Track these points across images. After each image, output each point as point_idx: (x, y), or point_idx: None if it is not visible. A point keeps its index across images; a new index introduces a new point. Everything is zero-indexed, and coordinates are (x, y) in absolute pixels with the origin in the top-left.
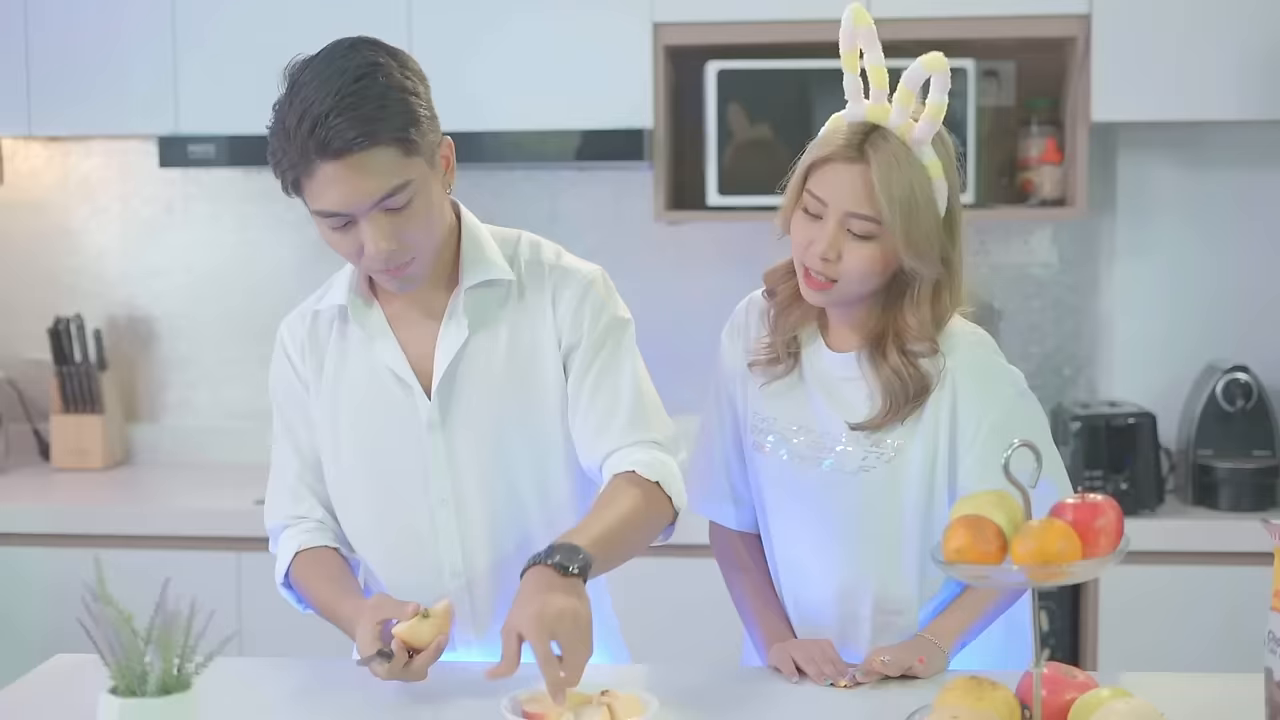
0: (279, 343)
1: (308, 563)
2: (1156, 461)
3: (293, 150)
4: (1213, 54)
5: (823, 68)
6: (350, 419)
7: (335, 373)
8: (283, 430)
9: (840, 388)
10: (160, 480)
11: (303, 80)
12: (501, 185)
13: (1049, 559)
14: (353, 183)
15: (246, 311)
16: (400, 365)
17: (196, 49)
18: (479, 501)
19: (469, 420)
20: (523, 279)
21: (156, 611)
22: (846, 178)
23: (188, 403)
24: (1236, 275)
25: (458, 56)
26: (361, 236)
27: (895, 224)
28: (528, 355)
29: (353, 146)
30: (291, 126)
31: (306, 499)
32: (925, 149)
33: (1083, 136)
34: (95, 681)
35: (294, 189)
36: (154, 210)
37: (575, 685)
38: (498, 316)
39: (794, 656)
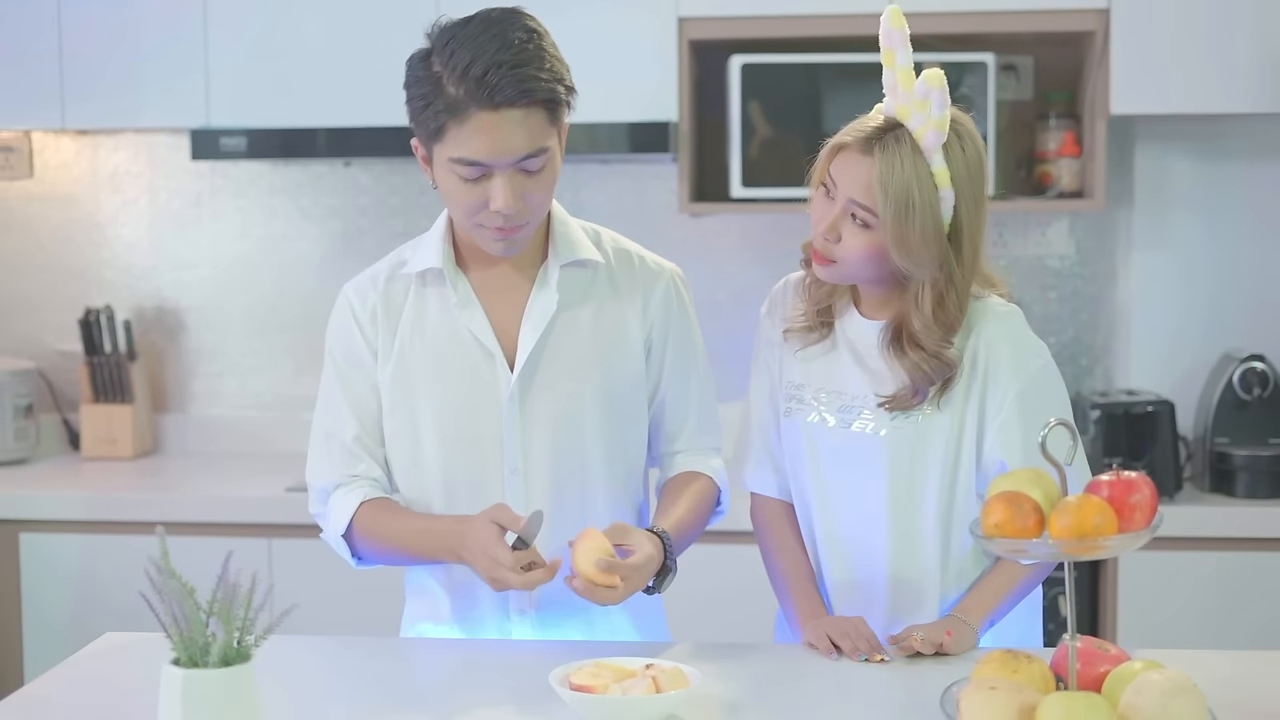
0: (345, 306)
1: (378, 508)
2: (1175, 449)
3: (448, 95)
4: (1231, 47)
5: (844, 62)
6: (427, 384)
7: (410, 337)
8: (340, 392)
9: (870, 355)
10: (189, 469)
11: (465, 35)
12: None
13: (1085, 533)
14: (505, 135)
15: (272, 303)
16: (486, 334)
17: (228, 42)
18: (548, 473)
19: (548, 393)
20: (611, 264)
21: (218, 585)
22: (857, 168)
23: (215, 392)
24: (1252, 266)
25: None
26: (491, 191)
27: (887, 221)
28: (612, 337)
29: (516, 100)
30: (453, 73)
31: (364, 460)
32: (935, 156)
33: (1101, 130)
34: (147, 657)
35: (435, 136)
36: (182, 203)
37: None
38: (586, 296)
39: (829, 633)
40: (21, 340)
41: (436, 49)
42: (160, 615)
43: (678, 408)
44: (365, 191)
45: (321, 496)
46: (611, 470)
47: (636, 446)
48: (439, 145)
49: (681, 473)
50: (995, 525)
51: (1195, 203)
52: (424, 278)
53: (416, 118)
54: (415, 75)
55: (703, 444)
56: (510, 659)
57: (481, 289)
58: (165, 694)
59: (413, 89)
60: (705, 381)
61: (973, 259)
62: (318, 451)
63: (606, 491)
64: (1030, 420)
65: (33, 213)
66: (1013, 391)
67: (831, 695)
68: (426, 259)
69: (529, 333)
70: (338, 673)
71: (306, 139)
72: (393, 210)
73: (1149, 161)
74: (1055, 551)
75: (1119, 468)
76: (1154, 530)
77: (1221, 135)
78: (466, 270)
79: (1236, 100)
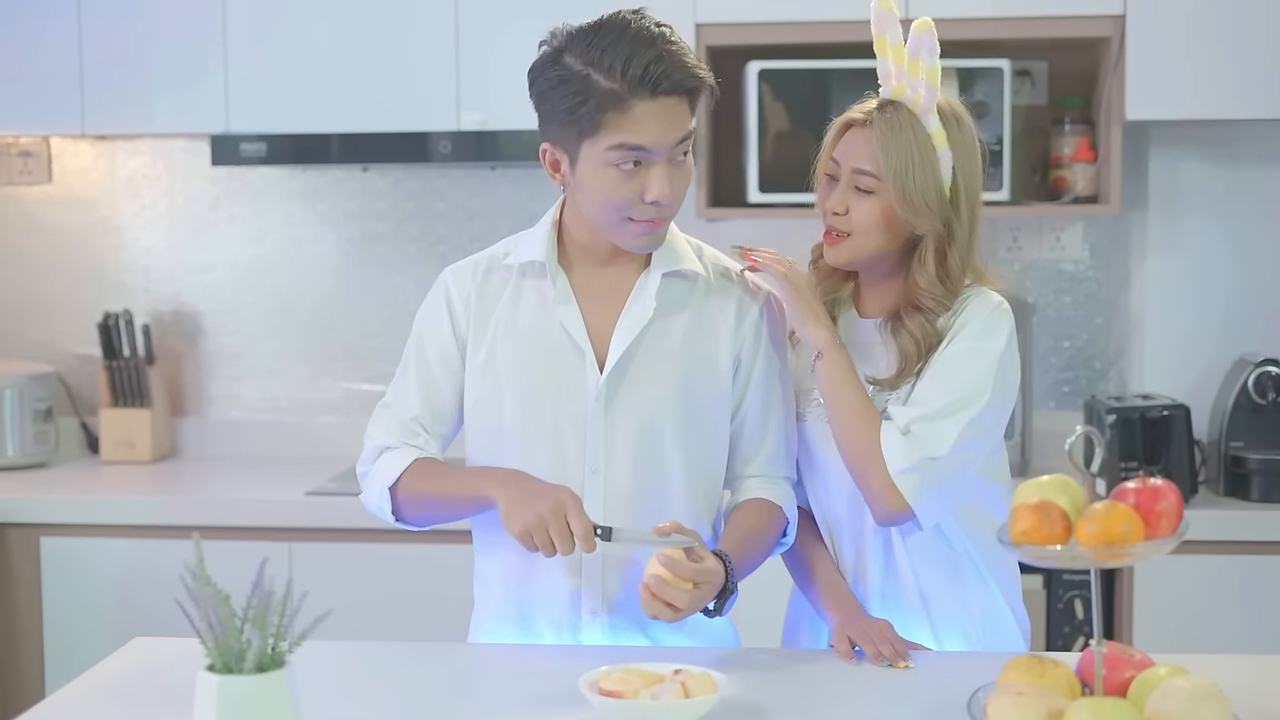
0: (441, 289)
1: (429, 463)
2: (1190, 453)
3: (604, 90)
4: (1246, 53)
5: (861, 68)
6: (515, 376)
7: (504, 329)
8: (414, 371)
9: (868, 351)
10: (208, 472)
11: (609, 33)
12: (540, 183)
13: (1113, 540)
14: (668, 120)
15: (289, 307)
16: (580, 333)
17: (247, 48)
18: (629, 477)
19: (634, 398)
20: (710, 279)
21: (253, 591)
22: (857, 139)
23: (233, 396)
24: (1266, 271)
25: (504, 54)
26: (648, 180)
27: (889, 179)
28: (702, 351)
29: (679, 86)
30: (606, 68)
31: (421, 435)
32: (931, 118)
33: (1116, 135)
34: (177, 662)
35: (589, 132)
36: (200, 207)
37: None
38: (682, 306)
39: (851, 636)
40: (40, 344)
41: (574, 50)
42: (195, 622)
43: (756, 431)
44: (382, 196)
45: (371, 455)
46: (690, 480)
47: (716, 461)
48: (592, 140)
49: (751, 498)
50: (1023, 533)
51: (1209, 207)
52: (524, 270)
53: (563, 120)
54: (556, 76)
55: (776, 472)
56: (542, 664)
57: (581, 288)
58: (200, 701)
59: (555, 93)
60: (787, 409)
61: (971, 220)
62: (379, 417)
63: (685, 501)
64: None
65: (51, 217)
66: (950, 347)
67: (858, 700)
68: (530, 252)
69: (622, 335)
70: (370, 676)
71: (325, 144)
72: (410, 215)
73: (1163, 166)
74: (1083, 559)
75: (1145, 474)
76: (1180, 537)
77: (1236, 140)
78: (569, 269)
79: (1252, 106)
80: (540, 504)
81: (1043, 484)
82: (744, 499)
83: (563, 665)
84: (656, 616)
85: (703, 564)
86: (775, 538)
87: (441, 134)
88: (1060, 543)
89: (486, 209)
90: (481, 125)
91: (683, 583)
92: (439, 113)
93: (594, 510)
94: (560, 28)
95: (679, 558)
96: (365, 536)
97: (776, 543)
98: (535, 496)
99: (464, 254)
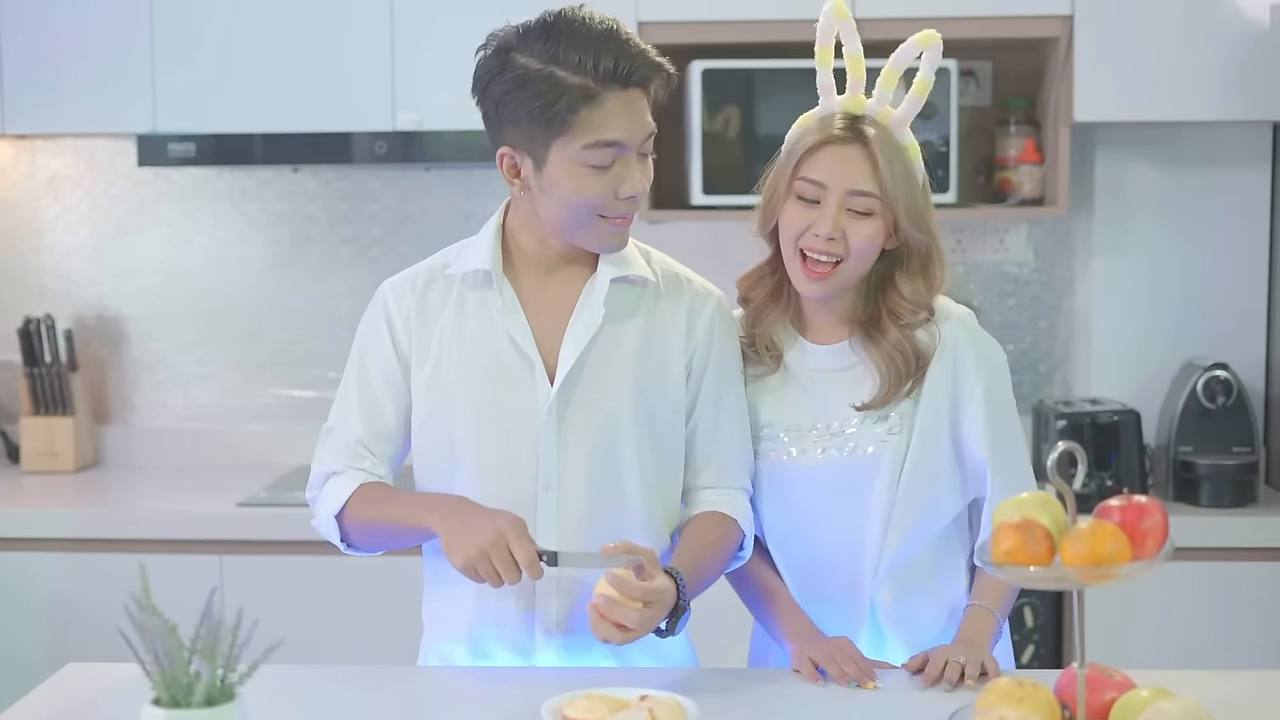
0: (380, 305)
1: (376, 488)
2: (1141, 459)
3: (573, 86)
4: (1194, 55)
5: (808, 67)
6: (463, 390)
7: (449, 342)
8: (355, 392)
9: (840, 378)
10: (134, 482)
11: (569, 31)
12: (475, 184)
13: (1099, 560)
14: (637, 114)
15: (217, 311)
16: (528, 343)
17: (175, 45)
18: (583, 492)
19: (587, 409)
20: (660, 285)
21: (202, 620)
22: (845, 158)
23: (159, 404)
24: (1212, 274)
25: (440, 52)
26: (624, 175)
27: (899, 198)
28: (655, 358)
29: (650, 77)
30: (572, 64)
31: (367, 458)
32: (904, 131)
33: (1064, 136)
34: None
35: (560, 131)
36: (124, 209)
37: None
38: (632, 313)
39: (813, 658)
40: None
41: (529, 50)
42: (140, 653)
43: (708, 439)
44: (313, 198)
45: (318, 481)
46: (648, 494)
47: (674, 473)
48: (564, 140)
49: (705, 511)
50: (1006, 553)
51: (1155, 210)
52: (467, 281)
53: (527, 120)
54: (514, 78)
55: (730, 482)
56: (503, 688)
57: (528, 297)
58: None
59: (517, 92)
60: (739, 417)
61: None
62: (322, 440)
63: (642, 515)
64: (995, 417)
65: None
66: (979, 389)
67: None
68: (474, 261)
69: (571, 345)
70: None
71: (255, 145)
72: (341, 217)
73: (1109, 168)
74: (1069, 580)
75: (1129, 492)
76: (1167, 556)
77: (1182, 141)
78: (514, 278)
79: (1200, 108)
80: (481, 535)
81: (1024, 502)
82: (697, 512)
83: (519, 689)
84: (606, 639)
85: (653, 583)
86: (731, 551)
87: (376, 134)
88: (1044, 563)
89: (420, 211)
90: (418, 125)
91: (632, 603)
92: (373, 113)
93: (547, 528)
94: (500, 29)
95: (628, 577)
96: (300, 549)
97: (733, 556)
98: (475, 527)
99: (397, 257)
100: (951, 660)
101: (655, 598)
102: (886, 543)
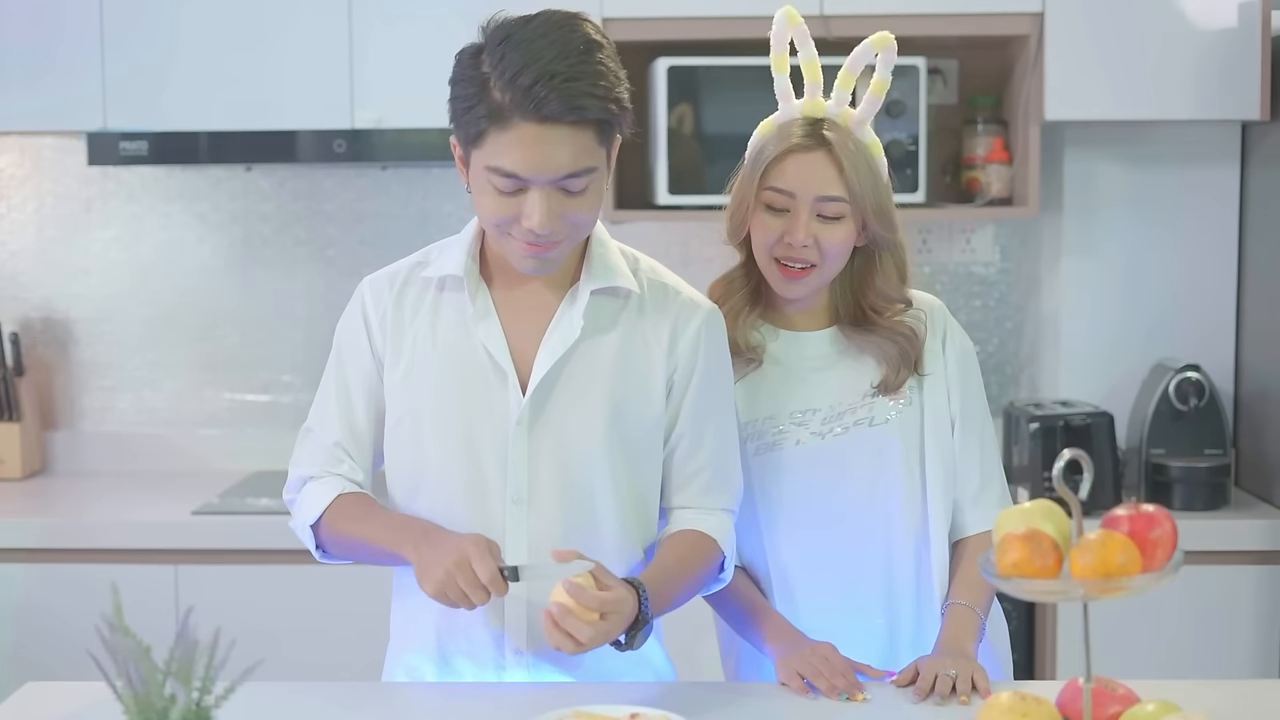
0: (358, 301)
1: (355, 500)
2: (1115, 462)
3: (493, 100)
4: (1166, 53)
5: None
6: (433, 396)
7: (423, 345)
8: (334, 392)
9: (836, 362)
10: (84, 490)
11: (521, 36)
12: (434, 183)
13: (1110, 573)
14: (548, 151)
15: (169, 314)
16: (501, 352)
17: (126, 40)
18: (554, 505)
19: (560, 422)
20: (644, 295)
21: (177, 642)
22: (811, 166)
23: (109, 408)
24: (1182, 274)
25: (394, 50)
26: (526, 206)
27: (867, 199)
28: (635, 371)
29: (564, 116)
30: (501, 78)
31: (345, 461)
32: (865, 129)
33: (1034, 135)
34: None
35: (474, 141)
36: (72, 209)
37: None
38: (612, 325)
39: (800, 671)
40: None
41: (489, 47)
42: (111, 677)
43: (688, 458)
44: (267, 197)
45: (296, 484)
46: (622, 512)
47: (650, 490)
48: (477, 150)
49: (682, 529)
50: (1013, 564)
51: (1124, 209)
52: (444, 284)
53: (458, 118)
54: (463, 73)
55: (711, 502)
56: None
57: (504, 304)
58: None
59: (457, 87)
60: (725, 436)
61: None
62: (301, 442)
63: (616, 534)
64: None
65: None
66: (957, 368)
67: None
68: (448, 265)
69: (546, 356)
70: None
71: (208, 143)
72: (296, 216)
73: (1078, 167)
74: (1077, 593)
75: (1136, 501)
76: (1177, 567)
77: (1152, 141)
78: (491, 282)
79: (1172, 107)
80: (445, 557)
81: (1028, 511)
82: (675, 529)
83: (494, 706)
84: (559, 648)
85: (611, 593)
86: (708, 571)
87: (334, 133)
88: (1052, 576)
89: (377, 211)
90: (376, 123)
91: (587, 613)
92: (331, 110)
93: (517, 544)
94: (496, 16)
95: (586, 585)
96: (258, 557)
97: (712, 578)
98: (441, 552)
99: (353, 258)
100: (942, 674)
101: (612, 609)
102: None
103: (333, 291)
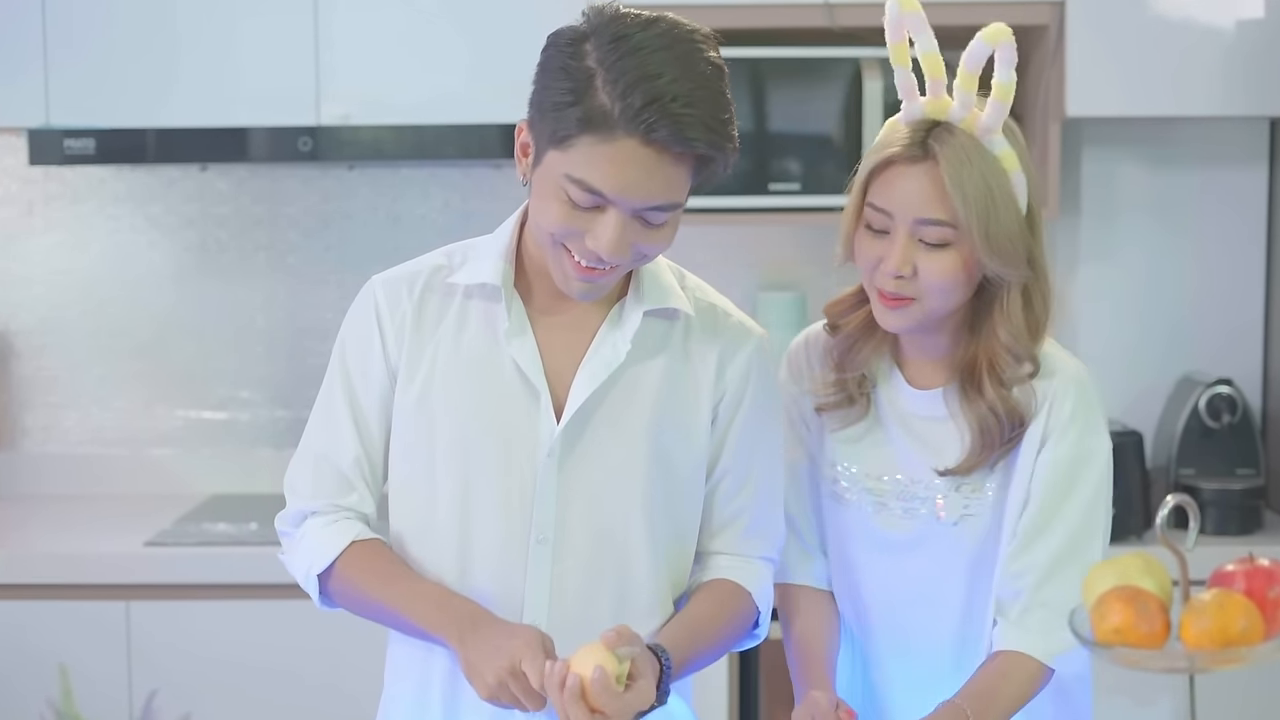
0: (370, 305)
1: (372, 554)
2: (1144, 484)
3: (596, 104)
4: (1191, 46)
5: (773, 56)
6: (453, 420)
7: (445, 360)
8: (345, 404)
9: (930, 430)
10: (25, 516)
11: (642, 42)
12: (405, 185)
13: (1230, 641)
14: (642, 177)
15: (119, 325)
16: (535, 371)
17: (70, 30)
18: (584, 550)
19: (597, 456)
20: (693, 315)
21: None
22: (912, 182)
23: (52, 427)
24: (1209, 282)
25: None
26: (598, 226)
27: (972, 224)
28: (680, 401)
29: (672, 145)
30: (614, 84)
31: (358, 489)
32: (996, 138)
33: (1054, 132)
34: None
35: (560, 142)
36: (12, 212)
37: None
38: (659, 350)
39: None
40: None
41: (598, 41)
42: None
43: (729, 498)
44: (224, 199)
45: (295, 518)
46: (656, 557)
47: (689, 533)
48: (560, 153)
49: (716, 579)
50: (1116, 630)
51: (1147, 212)
52: (471, 292)
53: (544, 110)
54: (560, 62)
55: (751, 550)
56: None
57: (541, 319)
58: None
59: (550, 76)
60: (772, 477)
61: (1044, 247)
62: (304, 468)
63: (649, 580)
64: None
65: None
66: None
67: None
68: (480, 273)
69: (585, 380)
70: None
71: (159, 140)
72: (255, 220)
73: (1097, 167)
74: (1190, 664)
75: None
76: None
77: (1176, 139)
78: (528, 294)
79: (1201, 102)
80: (498, 661)
81: (1124, 565)
82: (708, 578)
83: None
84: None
85: (632, 695)
86: (740, 629)
87: (298, 130)
88: (1158, 644)
89: (343, 214)
90: (344, 120)
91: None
92: (294, 106)
93: (539, 588)
94: (610, 5)
95: (612, 672)
96: (219, 593)
97: (746, 634)
98: (494, 652)
99: (317, 265)
100: None
101: (628, 712)
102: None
103: (295, 300)
